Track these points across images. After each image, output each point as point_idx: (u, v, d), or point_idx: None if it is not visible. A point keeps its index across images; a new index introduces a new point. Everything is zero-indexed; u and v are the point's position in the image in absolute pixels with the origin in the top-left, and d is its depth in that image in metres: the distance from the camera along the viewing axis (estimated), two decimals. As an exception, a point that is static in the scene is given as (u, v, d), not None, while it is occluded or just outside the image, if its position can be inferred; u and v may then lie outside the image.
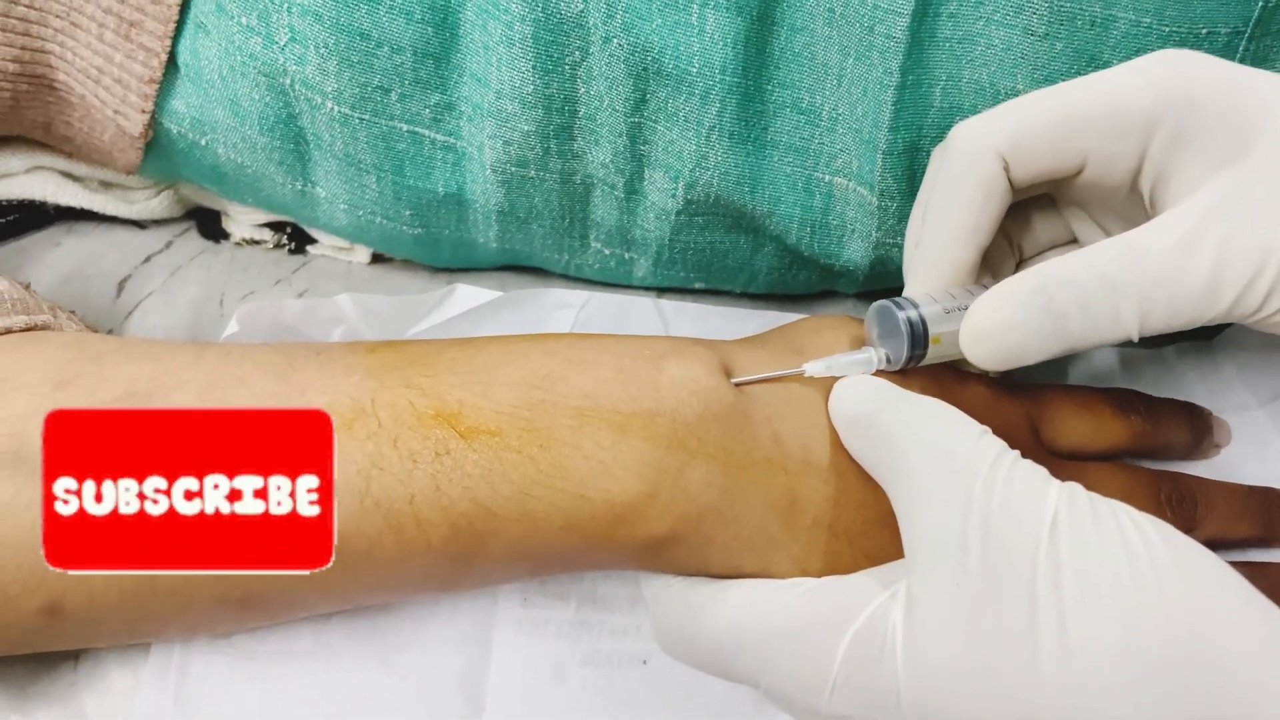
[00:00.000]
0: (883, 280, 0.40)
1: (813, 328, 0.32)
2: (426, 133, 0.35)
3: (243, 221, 0.43)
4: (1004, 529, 0.24)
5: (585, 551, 0.29)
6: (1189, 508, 0.35)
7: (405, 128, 0.35)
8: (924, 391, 0.29)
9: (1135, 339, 0.28)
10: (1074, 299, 0.27)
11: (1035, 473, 0.26)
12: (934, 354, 0.30)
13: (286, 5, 0.32)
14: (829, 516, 0.29)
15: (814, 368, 0.30)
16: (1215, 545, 0.31)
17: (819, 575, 0.29)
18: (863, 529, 0.30)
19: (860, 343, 0.32)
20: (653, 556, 0.29)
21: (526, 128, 0.35)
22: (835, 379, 0.30)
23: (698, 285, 0.42)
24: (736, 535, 0.29)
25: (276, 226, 0.43)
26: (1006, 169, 0.30)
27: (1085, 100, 0.29)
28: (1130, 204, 0.30)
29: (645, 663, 0.34)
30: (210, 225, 0.44)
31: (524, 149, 0.35)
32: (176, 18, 0.34)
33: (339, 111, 0.34)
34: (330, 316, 0.36)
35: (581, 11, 0.33)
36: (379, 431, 0.28)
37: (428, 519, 0.28)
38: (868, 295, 0.44)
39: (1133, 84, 0.29)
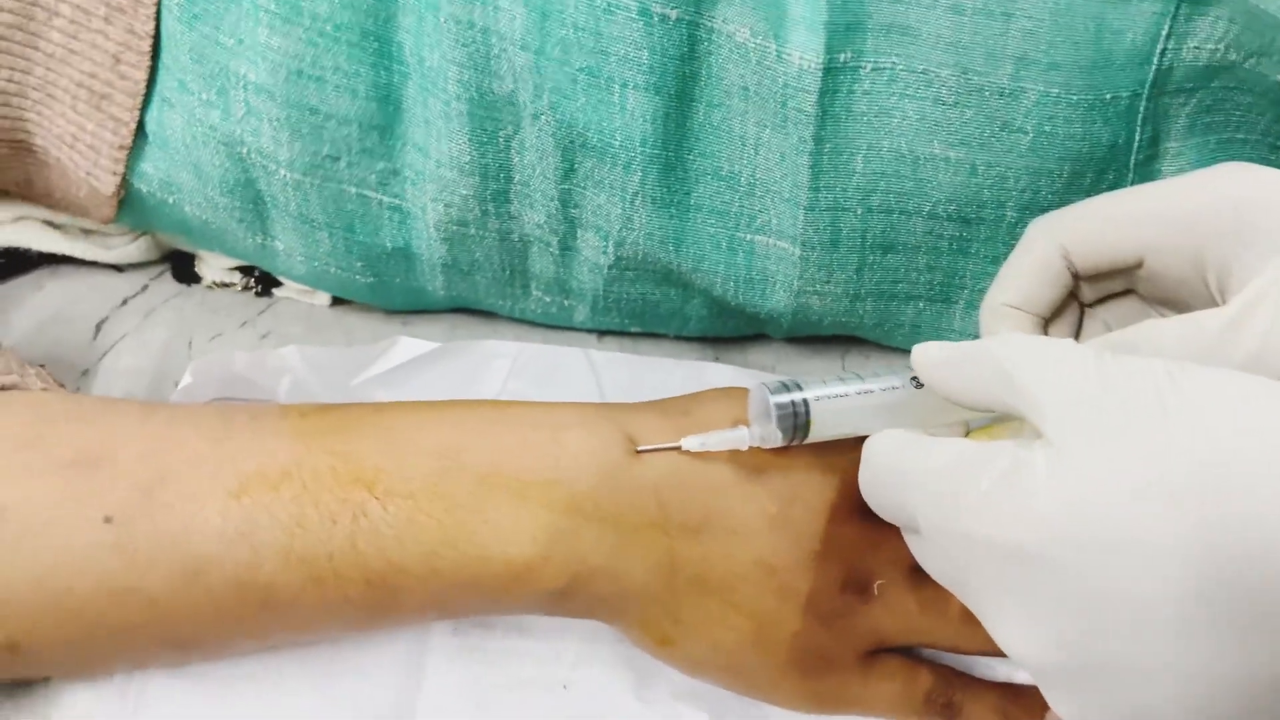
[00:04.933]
0: (806, 327, 0.43)
1: (710, 399, 0.35)
2: (374, 195, 0.38)
3: (214, 265, 0.46)
4: (1123, 375, 0.25)
5: (489, 603, 0.33)
6: (953, 710, 0.36)
7: (354, 190, 0.38)
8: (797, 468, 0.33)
9: None
10: None
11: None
12: (815, 434, 0.32)
13: (242, 83, 0.36)
14: (700, 572, 0.33)
15: (690, 443, 0.32)
16: None
17: (692, 625, 0.33)
18: (730, 583, 0.33)
19: (743, 420, 0.34)
20: (551, 606, 0.33)
21: (465, 192, 0.38)
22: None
23: (634, 330, 0.45)
24: (622, 591, 0.32)
25: (246, 270, 0.46)
26: (1068, 257, 0.32)
27: (1138, 198, 0.32)
28: (1204, 300, 0.32)
29: (565, 688, 0.36)
30: (185, 268, 0.47)
31: (463, 210, 0.38)
32: (143, 92, 0.37)
33: (292, 177, 0.37)
34: (278, 367, 0.39)
35: (512, 91, 0.36)
36: (303, 494, 0.31)
37: (345, 574, 0.31)
38: (795, 340, 0.46)
39: (1186, 186, 0.31)
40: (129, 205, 0.40)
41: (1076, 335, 0.36)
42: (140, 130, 0.38)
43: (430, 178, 0.37)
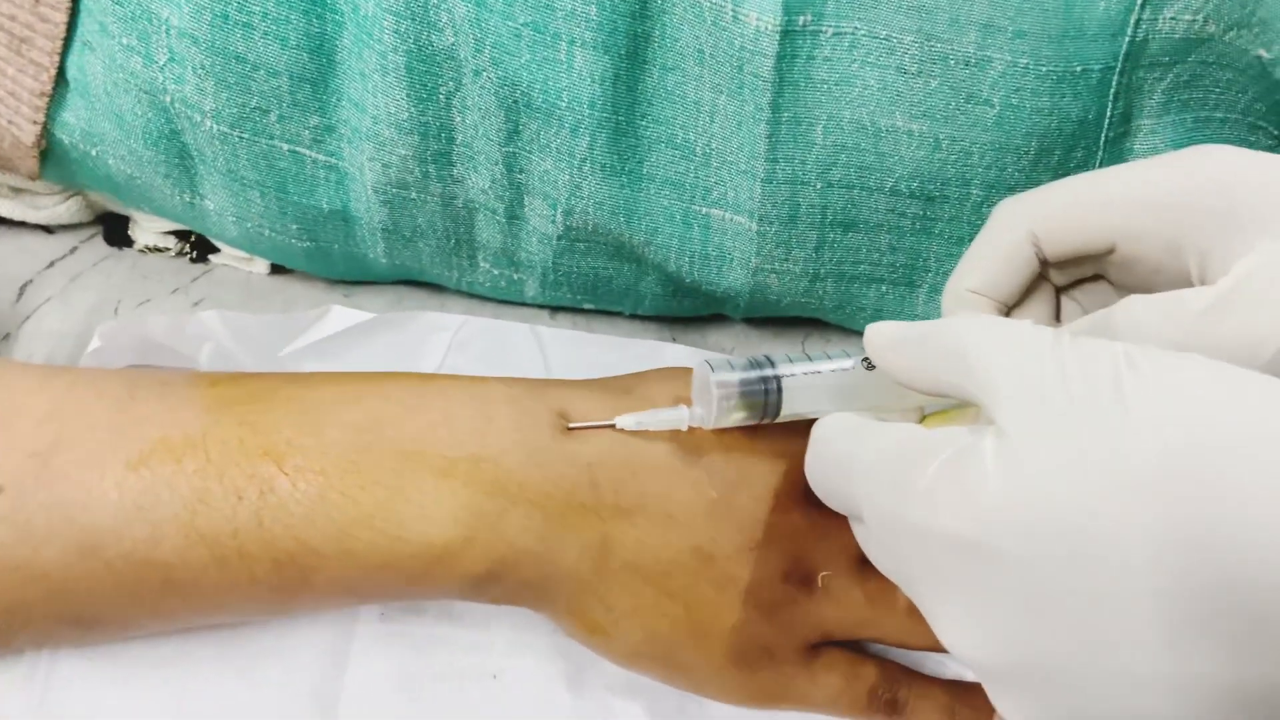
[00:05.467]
0: (765, 307, 0.41)
1: (655, 378, 0.33)
2: (308, 152, 0.36)
3: (149, 228, 0.44)
4: (1080, 360, 0.23)
5: (406, 587, 0.31)
6: (898, 707, 0.34)
7: (286, 147, 0.36)
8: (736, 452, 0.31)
9: None
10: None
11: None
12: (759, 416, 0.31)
13: (165, 27, 0.33)
14: (635, 558, 0.31)
15: (625, 421, 0.31)
16: None
17: (625, 613, 0.31)
18: (666, 569, 0.31)
19: (686, 399, 0.32)
20: (473, 591, 0.31)
21: (404, 152, 0.36)
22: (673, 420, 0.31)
23: (586, 306, 0.43)
24: (550, 576, 0.31)
25: (182, 234, 0.44)
26: (1037, 243, 0.31)
27: (1112, 181, 0.30)
28: (1178, 287, 0.30)
29: (495, 677, 0.35)
30: (117, 231, 0.45)
31: (403, 172, 0.36)
32: (64, 35, 0.35)
33: (218, 130, 0.35)
34: (198, 334, 0.37)
35: (453, 45, 0.34)
36: (207, 466, 0.29)
37: (250, 553, 0.29)
38: (756, 322, 0.45)
39: (1163, 168, 0.29)
40: (53, 158, 0.38)
41: (1057, 317, 0.34)
42: (61, 76, 0.36)
43: (367, 135, 0.35)
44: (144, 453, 0.29)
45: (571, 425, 0.31)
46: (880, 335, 0.28)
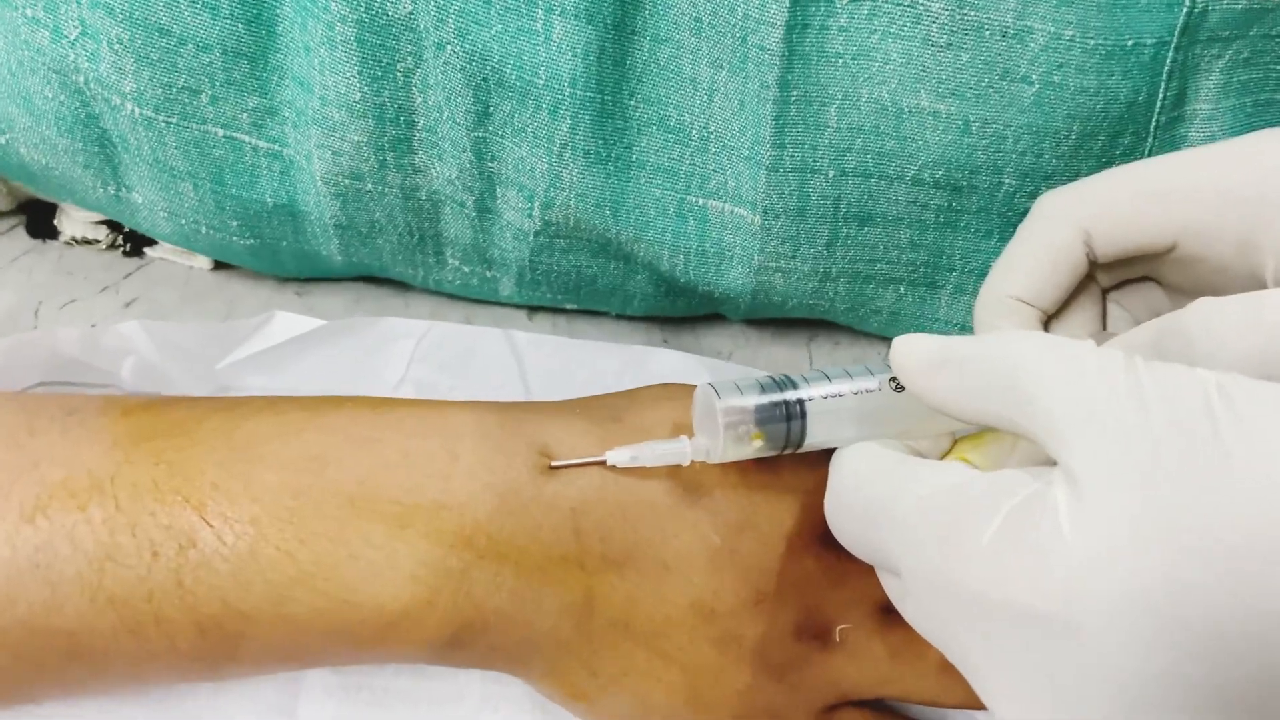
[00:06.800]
0: (768, 309, 0.37)
1: (648, 400, 0.29)
2: (246, 139, 0.32)
3: (77, 218, 0.39)
4: (1163, 393, 0.20)
5: (356, 654, 0.27)
6: None
7: (221, 133, 0.32)
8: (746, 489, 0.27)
9: None
10: (1181, 355, 0.24)
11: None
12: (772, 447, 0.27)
13: (74, -6, 0.29)
14: (624, 616, 0.27)
15: (618, 456, 0.27)
16: None
17: (613, 679, 0.27)
18: (660, 628, 0.27)
19: (686, 426, 0.28)
20: (436, 658, 0.27)
21: (357, 138, 0.31)
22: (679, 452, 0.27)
23: (568, 306, 0.39)
24: (526, 640, 0.27)
25: (114, 224, 0.40)
26: (1089, 242, 0.28)
27: (1174, 169, 0.27)
28: (1244, 288, 0.27)
29: (465, 737, 0.31)
30: (42, 222, 0.40)
31: (356, 160, 0.32)
32: (-43, 3, 0.30)
33: (141, 114, 0.31)
34: (117, 347, 0.32)
35: (411, 14, 0.29)
36: (116, 516, 0.25)
37: (169, 619, 0.25)
38: (756, 322, 0.41)
39: (1233, 155, 0.26)
40: (-43, 145, 0.34)
41: (1103, 326, 0.30)
42: (-42, 52, 0.31)
43: (314, 119, 0.31)
44: (42, 499, 0.25)
45: (555, 464, 0.27)
46: (912, 354, 0.24)
